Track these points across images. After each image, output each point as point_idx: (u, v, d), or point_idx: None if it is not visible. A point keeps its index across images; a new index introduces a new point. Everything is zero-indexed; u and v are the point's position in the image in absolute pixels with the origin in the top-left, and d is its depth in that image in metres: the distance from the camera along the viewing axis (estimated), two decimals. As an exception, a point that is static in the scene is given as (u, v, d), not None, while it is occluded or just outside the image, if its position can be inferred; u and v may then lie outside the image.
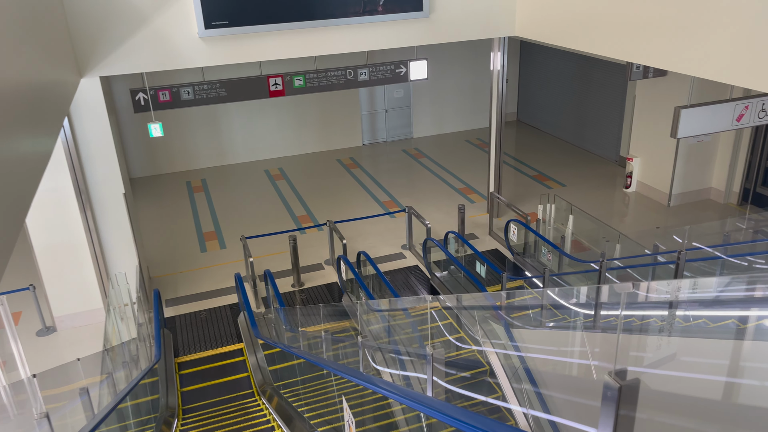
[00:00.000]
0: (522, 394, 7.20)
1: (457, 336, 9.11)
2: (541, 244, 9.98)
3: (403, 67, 12.31)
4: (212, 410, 7.53)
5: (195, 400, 7.74)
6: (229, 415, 7.32)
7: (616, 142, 14.98)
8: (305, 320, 8.51)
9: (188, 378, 8.15)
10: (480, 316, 8.87)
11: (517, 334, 8.17)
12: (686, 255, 7.22)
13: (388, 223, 12.58)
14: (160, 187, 15.10)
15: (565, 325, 7.47)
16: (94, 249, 9.09)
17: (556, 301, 7.64)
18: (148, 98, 10.88)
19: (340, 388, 7.08)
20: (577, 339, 7.18)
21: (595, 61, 14.94)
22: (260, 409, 7.39)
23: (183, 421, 7.26)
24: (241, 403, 7.69)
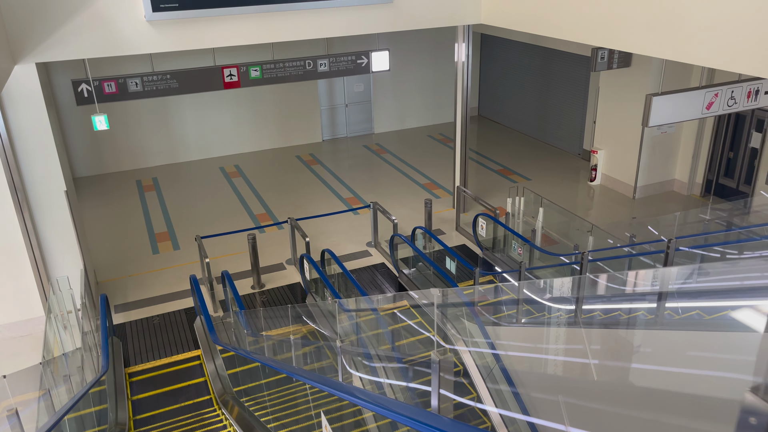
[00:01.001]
0: (498, 395, 6.84)
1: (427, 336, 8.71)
2: (511, 238, 9.69)
3: (364, 58, 11.87)
4: (167, 422, 6.93)
5: (148, 411, 7.11)
6: (186, 428, 6.73)
7: (579, 135, 14.90)
8: (268, 323, 7.98)
9: (140, 387, 7.50)
10: (451, 314, 8.51)
11: (492, 331, 7.83)
12: (675, 244, 7.00)
13: (352, 220, 12.11)
14: (108, 187, 14.24)
15: (543, 322, 7.17)
16: (33, 252, 8.32)
17: (533, 296, 7.33)
18: (92, 89, 10.12)
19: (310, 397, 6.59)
20: (557, 336, 6.86)
21: (557, 54, 14.83)
22: (220, 420, 6.83)
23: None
24: (198, 414, 7.10)
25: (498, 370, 7.05)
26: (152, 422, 6.92)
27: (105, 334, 7.20)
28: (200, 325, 8.51)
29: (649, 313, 5.48)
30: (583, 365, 6.12)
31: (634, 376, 4.54)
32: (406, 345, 8.41)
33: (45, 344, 6.47)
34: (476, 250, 10.64)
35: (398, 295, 8.72)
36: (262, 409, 6.29)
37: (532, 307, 7.35)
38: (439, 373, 3.40)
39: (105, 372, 6.44)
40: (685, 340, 4.68)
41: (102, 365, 6.57)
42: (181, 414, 7.00)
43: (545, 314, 7.01)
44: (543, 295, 7.40)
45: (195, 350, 8.24)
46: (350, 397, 3.39)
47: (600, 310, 5.99)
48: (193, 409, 7.05)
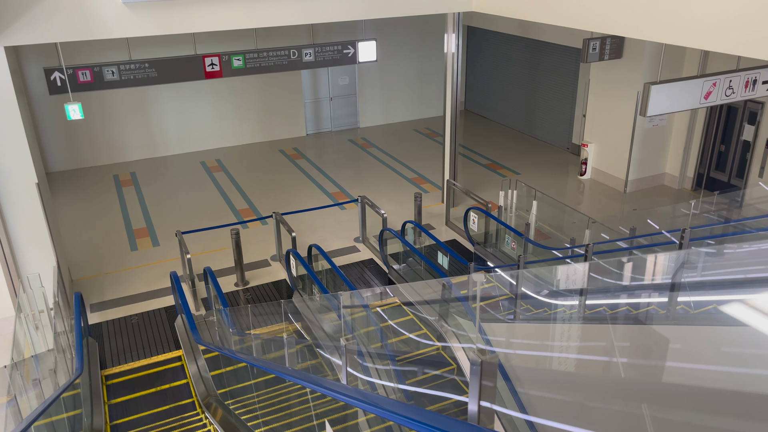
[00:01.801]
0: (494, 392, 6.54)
1: (419, 333, 8.41)
2: (504, 232, 9.42)
3: (351, 48, 11.53)
4: (146, 427, 6.53)
5: (126, 416, 6.70)
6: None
7: (567, 129, 14.70)
8: (254, 321, 7.61)
9: (118, 390, 7.08)
10: (444, 310, 8.20)
11: (488, 328, 7.54)
12: (690, 234, 6.75)
13: (338, 215, 11.76)
14: (83, 182, 13.70)
15: (544, 317, 6.90)
16: (2, 248, 7.84)
17: (532, 291, 7.05)
18: (66, 78, 9.64)
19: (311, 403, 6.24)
20: (559, 332, 6.58)
21: (546, 46, 14.61)
22: (203, 424, 6.44)
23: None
24: (180, 418, 6.71)
25: (494, 367, 6.73)
26: (130, 427, 6.51)
27: (79, 334, 6.77)
28: (181, 325, 8.10)
29: (664, 308, 5.22)
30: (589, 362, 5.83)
31: (644, 373, 4.28)
32: (397, 343, 8.09)
33: (14, 345, 6.03)
34: (467, 245, 10.36)
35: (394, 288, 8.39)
36: (249, 413, 5.93)
37: (532, 303, 7.08)
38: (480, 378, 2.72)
39: (79, 374, 6.02)
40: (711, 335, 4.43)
41: (76, 367, 6.15)
42: (162, 419, 6.60)
43: (546, 310, 6.74)
44: (544, 289, 7.14)
45: (176, 350, 7.83)
46: (355, 400, 3.06)
47: (606, 304, 5.73)
48: (174, 413, 6.65)
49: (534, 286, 7.21)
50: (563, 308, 6.42)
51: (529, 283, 7.17)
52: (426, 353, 8.12)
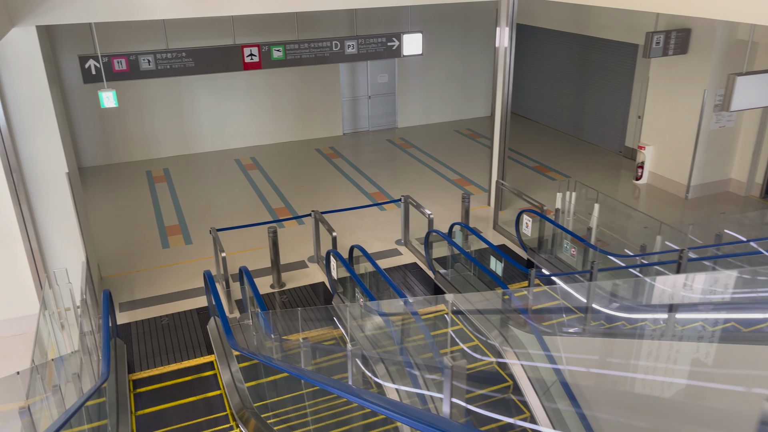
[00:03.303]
0: (557, 415, 5.82)
1: (471, 344, 7.73)
2: (562, 237, 8.68)
3: (395, 41, 10.94)
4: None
5: (154, 428, 6.15)
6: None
7: (620, 130, 13.86)
8: (293, 327, 7.02)
9: (146, 399, 6.54)
10: (499, 321, 7.51)
11: (552, 342, 6.82)
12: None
13: (378, 216, 11.15)
14: (116, 178, 13.34)
15: (620, 333, 6.16)
16: (30, 241, 7.41)
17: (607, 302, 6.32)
18: (101, 66, 9.23)
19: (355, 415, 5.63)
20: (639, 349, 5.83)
21: (599, 42, 13.82)
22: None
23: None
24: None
25: (558, 386, 6.03)
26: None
27: (107, 335, 6.25)
28: (215, 328, 7.55)
29: None
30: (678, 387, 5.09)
31: (751, 403, 3.59)
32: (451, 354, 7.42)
33: (36, 345, 5.53)
34: (519, 250, 9.64)
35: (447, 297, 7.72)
36: (289, 429, 5.32)
37: (603, 315, 6.35)
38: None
39: (105, 379, 5.49)
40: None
41: (102, 372, 5.63)
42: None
43: (625, 324, 6.01)
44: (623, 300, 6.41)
45: (208, 356, 7.28)
46: None
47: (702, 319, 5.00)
48: (206, 426, 6.08)
49: (609, 298, 6.49)
50: (646, 323, 5.69)
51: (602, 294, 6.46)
52: (479, 367, 7.44)
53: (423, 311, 7.41)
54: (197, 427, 6.05)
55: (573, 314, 6.56)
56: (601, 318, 6.24)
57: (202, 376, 6.89)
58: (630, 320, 6.01)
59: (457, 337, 7.62)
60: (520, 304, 6.90)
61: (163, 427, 6.01)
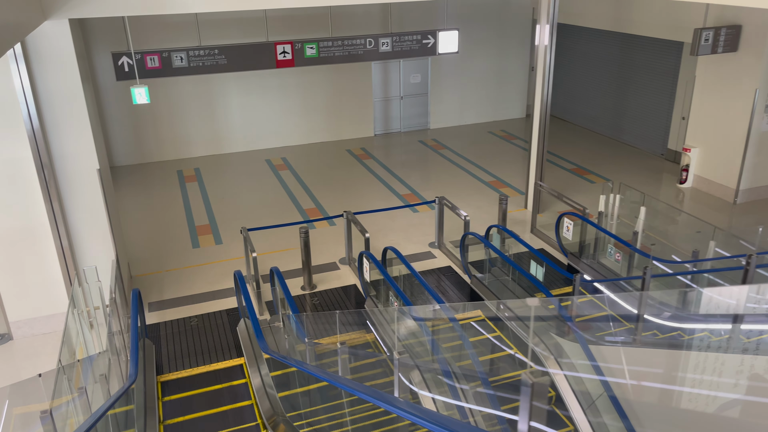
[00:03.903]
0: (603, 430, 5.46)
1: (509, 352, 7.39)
2: (605, 241, 8.28)
3: (431, 38, 10.66)
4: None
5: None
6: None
7: (663, 132, 13.34)
8: (325, 330, 6.77)
9: (174, 405, 6.35)
10: (539, 328, 7.15)
11: (599, 352, 6.45)
12: None
13: (410, 218, 10.86)
14: (147, 177, 13.31)
15: (676, 344, 5.77)
16: (60, 238, 7.31)
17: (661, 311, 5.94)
18: (133, 63, 9.15)
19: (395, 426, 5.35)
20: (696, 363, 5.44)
21: (640, 41, 13.34)
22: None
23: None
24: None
25: (606, 399, 5.65)
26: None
27: (135, 336, 6.08)
28: (244, 330, 7.35)
29: None
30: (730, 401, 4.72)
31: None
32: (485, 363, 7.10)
33: (63, 344, 5.36)
34: (558, 255, 9.25)
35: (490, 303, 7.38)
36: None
37: (656, 324, 5.96)
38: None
39: (133, 381, 5.31)
40: None
41: (130, 373, 5.44)
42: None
43: (681, 334, 5.61)
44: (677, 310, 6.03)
45: (238, 358, 7.07)
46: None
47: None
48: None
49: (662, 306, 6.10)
50: (706, 333, 5.29)
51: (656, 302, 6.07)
52: (517, 377, 7.09)
53: (460, 317, 7.10)
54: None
55: (621, 322, 6.18)
56: (654, 327, 5.85)
57: (231, 384, 6.67)
58: (687, 331, 5.61)
59: (496, 345, 7.28)
60: (565, 311, 6.54)
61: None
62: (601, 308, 6.64)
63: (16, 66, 6.52)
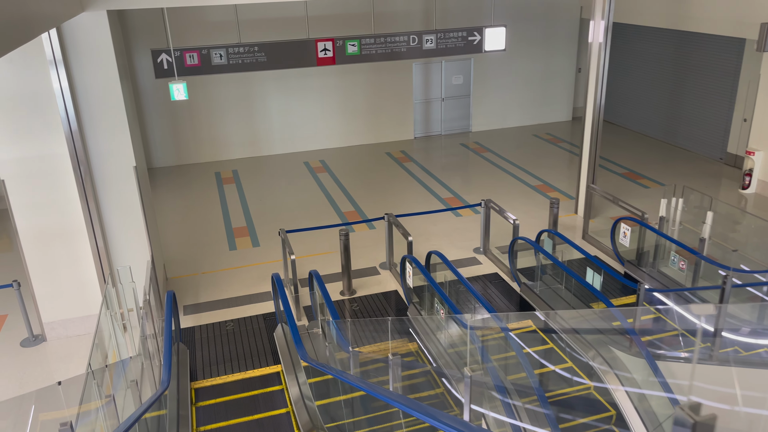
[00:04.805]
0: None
1: (563, 366, 6.87)
2: (667, 248, 7.68)
3: (477, 35, 10.23)
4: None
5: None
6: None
7: (722, 135, 12.59)
8: (366, 337, 6.38)
9: (207, 412, 6.04)
10: (596, 340, 6.61)
11: (666, 368, 5.88)
12: None
13: (453, 222, 10.41)
14: (185, 178, 13.19)
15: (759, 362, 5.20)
16: (95, 237, 7.10)
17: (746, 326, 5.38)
18: (172, 60, 8.97)
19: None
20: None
21: (698, 39, 12.64)
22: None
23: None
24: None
25: (675, 421, 5.03)
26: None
27: (169, 340, 5.79)
28: (282, 336, 7.01)
29: None
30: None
31: None
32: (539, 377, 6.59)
33: (94, 347, 5.10)
34: (613, 263, 8.67)
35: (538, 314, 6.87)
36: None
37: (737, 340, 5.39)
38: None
39: (165, 388, 5.00)
40: None
41: (162, 379, 5.14)
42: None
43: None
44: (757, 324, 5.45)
45: (275, 365, 6.72)
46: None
47: None
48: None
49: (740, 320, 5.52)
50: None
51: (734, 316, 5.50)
52: (573, 393, 6.57)
53: (512, 326, 6.62)
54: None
55: (694, 336, 5.61)
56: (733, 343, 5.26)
57: (267, 388, 6.33)
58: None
59: (548, 358, 6.78)
60: (627, 323, 6.00)
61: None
62: (669, 320, 6.09)
63: (54, 60, 6.35)
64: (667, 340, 5.82)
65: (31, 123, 6.51)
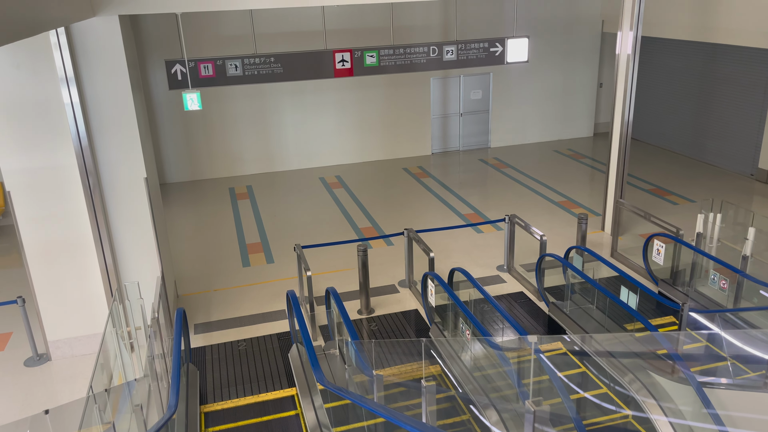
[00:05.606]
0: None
1: (597, 392, 6.42)
2: (705, 266, 7.23)
3: (498, 46, 9.92)
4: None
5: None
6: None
7: (753, 150, 12.13)
8: (387, 360, 5.98)
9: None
10: (632, 364, 6.15)
11: (715, 396, 5.41)
12: None
13: (474, 239, 10.01)
14: (199, 194, 12.93)
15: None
16: (104, 251, 6.80)
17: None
18: (186, 71, 8.74)
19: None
20: None
21: (726, 51, 12.26)
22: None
23: None
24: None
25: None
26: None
27: (177, 361, 5.44)
28: (297, 357, 6.62)
29: None
30: None
31: None
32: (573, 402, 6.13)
33: (97, 368, 4.75)
34: (647, 282, 8.22)
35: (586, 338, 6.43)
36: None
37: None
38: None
39: (173, 413, 4.63)
40: None
41: (170, 404, 4.78)
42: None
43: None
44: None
45: (289, 389, 6.33)
46: None
47: None
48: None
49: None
50: None
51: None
52: (607, 422, 6.10)
53: (544, 348, 6.19)
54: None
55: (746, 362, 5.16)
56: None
57: (282, 414, 5.94)
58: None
59: (581, 383, 6.33)
60: (671, 346, 5.56)
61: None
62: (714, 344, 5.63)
63: (62, 66, 6.11)
64: (715, 366, 5.37)
65: (39, 132, 6.26)
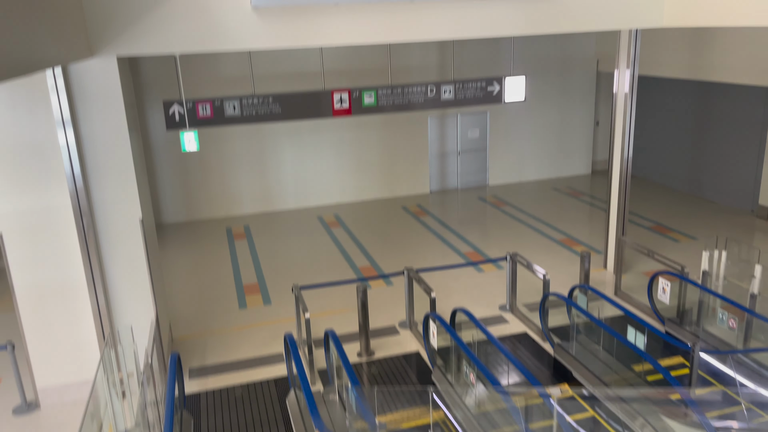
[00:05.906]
0: None
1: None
2: (711, 305, 7.07)
3: (496, 85, 9.97)
4: None
5: None
6: None
7: (752, 187, 12.10)
8: (388, 406, 5.75)
9: (211, 490, 5.38)
10: (646, 409, 5.94)
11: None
12: None
13: (475, 278, 9.86)
14: (196, 234, 12.80)
15: None
16: (97, 294, 6.63)
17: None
18: (184, 112, 8.74)
19: None
20: None
21: (722, 89, 12.35)
22: None
23: None
24: None
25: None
26: None
27: (171, 408, 5.21)
28: (295, 403, 6.39)
29: None
30: None
31: None
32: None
33: (87, 416, 4.54)
34: (653, 321, 8.04)
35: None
36: None
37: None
38: None
39: (164, 466, 4.39)
40: None
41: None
42: None
43: None
44: None
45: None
46: None
47: None
48: None
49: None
50: None
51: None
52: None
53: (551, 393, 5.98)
54: None
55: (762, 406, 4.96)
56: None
57: (278, 464, 5.69)
58: None
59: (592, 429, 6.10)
60: (684, 390, 5.36)
61: None
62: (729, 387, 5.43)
63: (59, 106, 6.06)
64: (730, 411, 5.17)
65: (33, 173, 6.17)
